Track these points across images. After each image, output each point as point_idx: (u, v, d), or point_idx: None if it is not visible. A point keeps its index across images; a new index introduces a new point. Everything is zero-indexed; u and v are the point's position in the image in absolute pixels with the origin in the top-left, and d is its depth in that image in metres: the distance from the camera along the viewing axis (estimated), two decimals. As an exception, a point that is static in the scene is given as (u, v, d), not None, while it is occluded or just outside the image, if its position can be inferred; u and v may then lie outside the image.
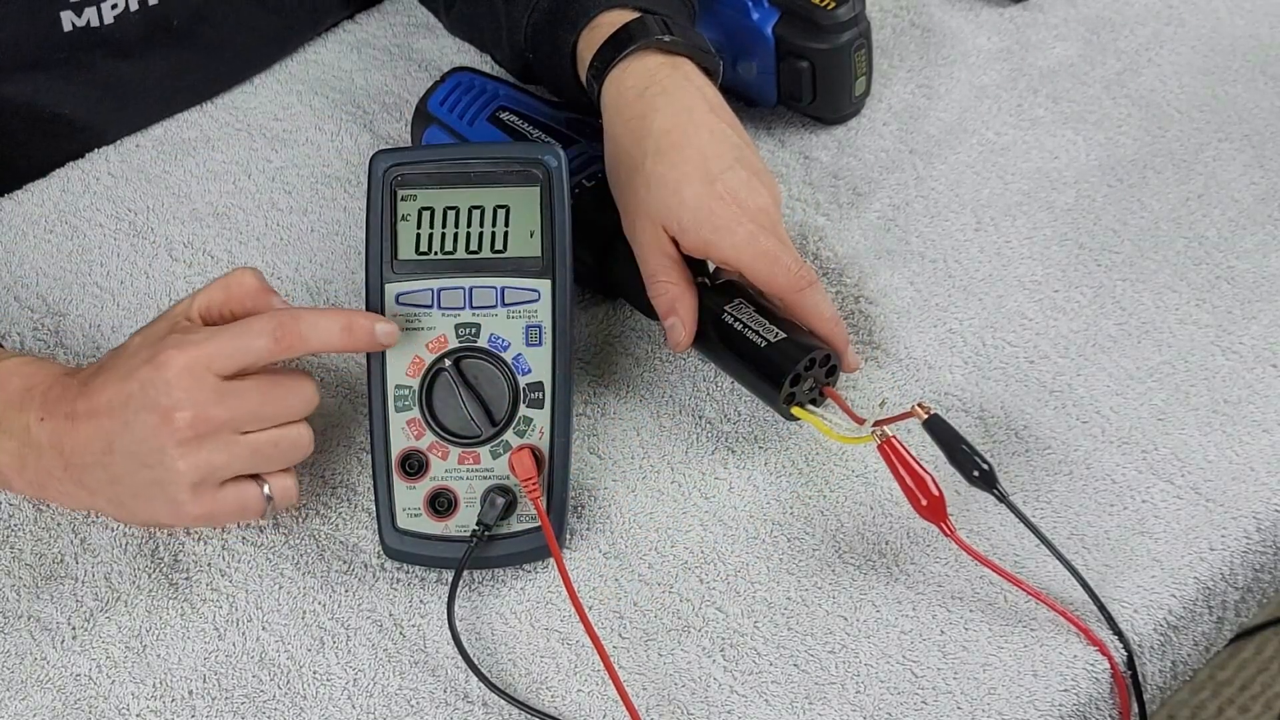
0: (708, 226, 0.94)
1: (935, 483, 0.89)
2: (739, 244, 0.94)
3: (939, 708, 0.85)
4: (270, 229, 1.10)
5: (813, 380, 0.95)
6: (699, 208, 0.94)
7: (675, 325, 0.96)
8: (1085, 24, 1.22)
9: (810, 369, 0.95)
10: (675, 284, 0.96)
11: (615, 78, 0.98)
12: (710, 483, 0.95)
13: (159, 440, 0.86)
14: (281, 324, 0.87)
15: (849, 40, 1.11)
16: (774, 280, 0.95)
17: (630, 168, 0.96)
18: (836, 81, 1.12)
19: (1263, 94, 1.17)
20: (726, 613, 0.90)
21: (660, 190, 0.95)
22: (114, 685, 0.88)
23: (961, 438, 0.90)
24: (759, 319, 0.95)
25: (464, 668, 0.87)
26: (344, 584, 0.91)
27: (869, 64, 1.14)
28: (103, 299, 1.06)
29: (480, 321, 0.91)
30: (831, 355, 0.95)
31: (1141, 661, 0.88)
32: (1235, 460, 0.95)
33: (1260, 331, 1.02)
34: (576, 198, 1.00)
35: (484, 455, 0.90)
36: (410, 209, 0.91)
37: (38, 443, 0.90)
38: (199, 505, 0.88)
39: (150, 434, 0.86)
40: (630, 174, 0.96)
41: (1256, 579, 0.94)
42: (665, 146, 0.95)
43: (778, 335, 0.95)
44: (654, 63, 0.98)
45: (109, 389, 0.88)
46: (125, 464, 0.88)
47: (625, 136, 0.97)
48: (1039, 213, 1.10)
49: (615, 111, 0.98)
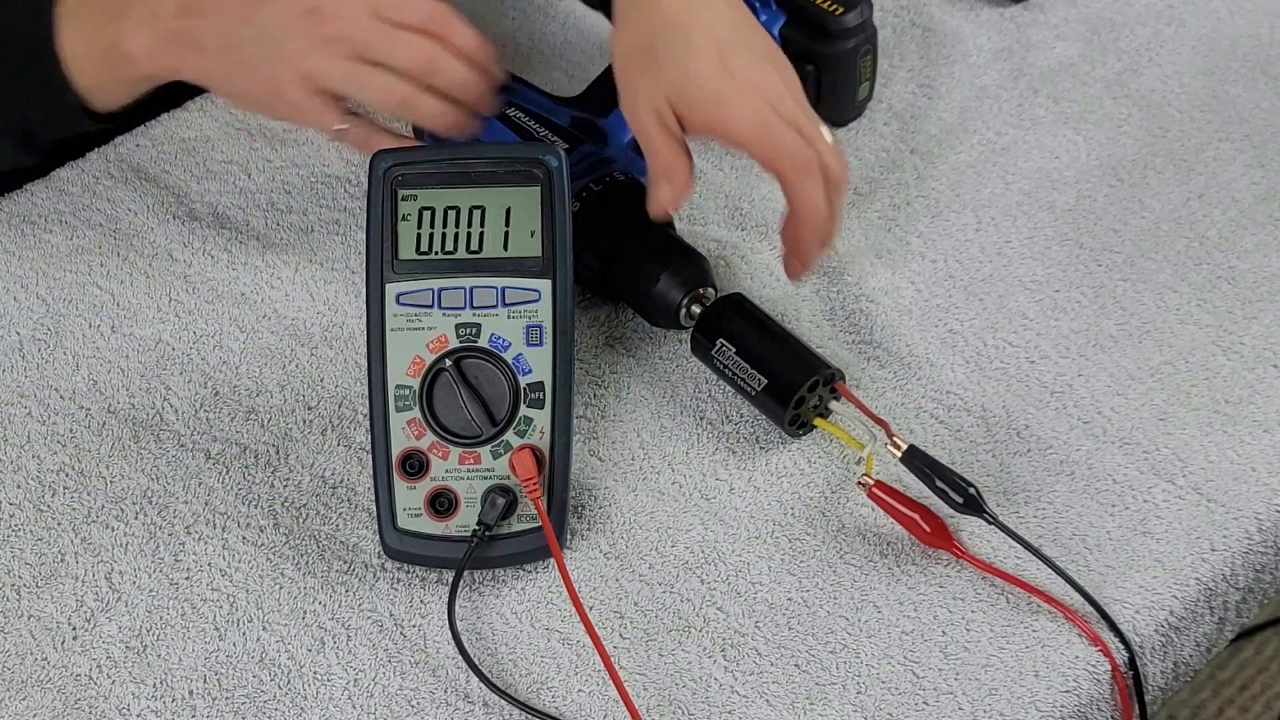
0: (714, 102, 0.93)
1: (931, 512, 0.90)
2: (744, 119, 0.93)
3: (940, 708, 0.85)
4: (270, 229, 1.10)
5: (818, 398, 0.96)
6: (708, 83, 0.94)
7: (663, 186, 0.95)
8: (1086, 24, 1.22)
9: (800, 404, 0.95)
10: (672, 149, 0.94)
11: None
12: (711, 483, 0.95)
13: (299, 27, 0.94)
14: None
15: (856, 46, 1.11)
16: (774, 159, 0.94)
17: (638, 46, 0.96)
18: (841, 86, 1.12)
19: (1263, 94, 1.17)
20: (727, 613, 0.90)
21: (670, 67, 0.94)
22: (114, 685, 0.88)
23: (940, 467, 0.91)
24: (741, 364, 0.96)
25: (464, 668, 0.87)
26: (344, 584, 0.91)
27: (873, 69, 1.14)
28: (103, 299, 1.06)
29: (481, 321, 0.91)
30: (820, 376, 0.95)
31: (1143, 662, 0.88)
32: (1236, 460, 0.95)
33: (1261, 331, 1.02)
34: (583, 202, 1.00)
35: (484, 455, 0.90)
36: (411, 209, 0.91)
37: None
38: (298, 94, 0.95)
39: (292, 20, 0.94)
40: (637, 52, 0.96)
41: (1258, 579, 0.94)
42: (676, 25, 0.95)
43: (760, 383, 0.95)
44: None
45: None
46: (252, 33, 0.94)
47: (634, 14, 0.96)
48: (1039, 213, 1.10)
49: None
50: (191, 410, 1.00)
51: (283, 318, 1.05)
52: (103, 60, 0.99)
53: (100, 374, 1.02)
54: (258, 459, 0.97)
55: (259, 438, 0.98)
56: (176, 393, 1.01)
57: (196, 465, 0.97)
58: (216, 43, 0.96)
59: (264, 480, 0.96)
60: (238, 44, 0.96)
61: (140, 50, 0.98)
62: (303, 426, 0.99)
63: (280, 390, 1.01)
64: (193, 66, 0.98)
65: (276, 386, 1.01)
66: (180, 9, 0.97)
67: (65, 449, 0.98)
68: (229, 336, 1.04)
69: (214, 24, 0.96)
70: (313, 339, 1.03)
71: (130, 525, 0.94)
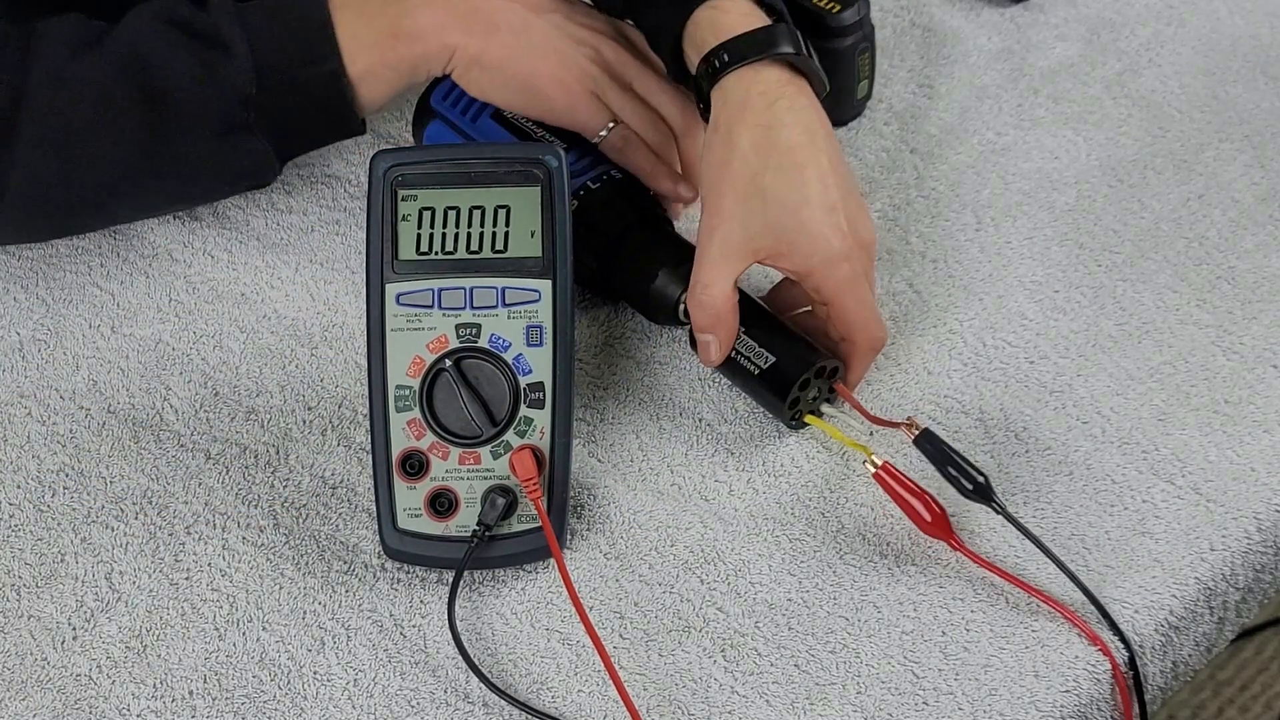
0: (818, 256, 0.94)
1: (935, 501, 0.90)
2: (840, 282, 0.94)
3: (940, 708, 0.85)
4: (270, 229, 1.10)
5: (816, 390, 0.96)
6: (815, 234, 0.93)
7: (711, 344, 0.95)
8: (1086, 24, 1.22)
9: (806, 386, 0.95)
10: (725, 302, 0.95)
11: (745, 76, 0.96)
12: (710, 484, 0.95)
13: (587, 36, 1.03)
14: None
15: (853, 44, 1.11)
16: (858, 331, 0.95)
17: (744, 174, 0.94)
18: (841, 84, 1.12)
19: (1263, 94, 1.17)
20: (727, 613, 0.90)
21: (777, 208, 0.93)
22: (114, 685, 0.88)
23: (953, 452, 0.91)
24: (749, 343, 0.95)
25: (464, 668, 0.87)
26: (344, 584, 0.91)
27: (872, 67, 1.14)
28: (102, 299, 1.06)
29: (481, 322, 0.91)
30: (826, 365, 0.95)
31: (1143, 662, 0.88)
32: (1236, 460, 0.95)
33: (1261, 332, 1.02)
34: (581, 200, 1.00)
35: (484, 455, 0.90)
36: (411, 209, 0.91)
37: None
38: (579, 88, 1.02)
39: (583, 28, 1.03)
40: (742, 180, 0.94)
41: (1257, 579, 0.94)
42: (788, 164, 0.94)
43: (768, 360, 0.95)
44: (783, 75, 0.96)
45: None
46: (546, 25, 1.01)
47: (745, 140, 0.94)
48: (1039, 213, 1.10)
49: (740, 110, 0.95)
50: (191, 410, 1.00)
51: (283, 318, 1.05)
52: (382, 40, 1.00)
53: (100, 374, 1.02)
54: (257, 459, 0.97)
55: (259, 438, 0.98)
56: (176, 393, 1.01)
57: (196, 465, 0.97)
58: (512, 23, 1.01)
59: (264, 480, 0.96)
60: (532, 29, 1.01)
61: (430, 25, 0.99)
62: (302, 427, 0.99)
63: (280, 390, 1.01)
64: (480, 44, 1.00)
65: (276, 386, 1.01)
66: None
67: (65, 449, 0.98)
68: (229, 336, 1.04)
69: (510, 8, 1.01)
70: (313, 339, 1.03)
71: (130, 525, 0.94)
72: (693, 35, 0.98)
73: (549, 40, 1.02)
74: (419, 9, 1.00)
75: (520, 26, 1.01)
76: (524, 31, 1.01)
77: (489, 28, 1.00)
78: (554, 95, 1.01)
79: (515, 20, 1.01)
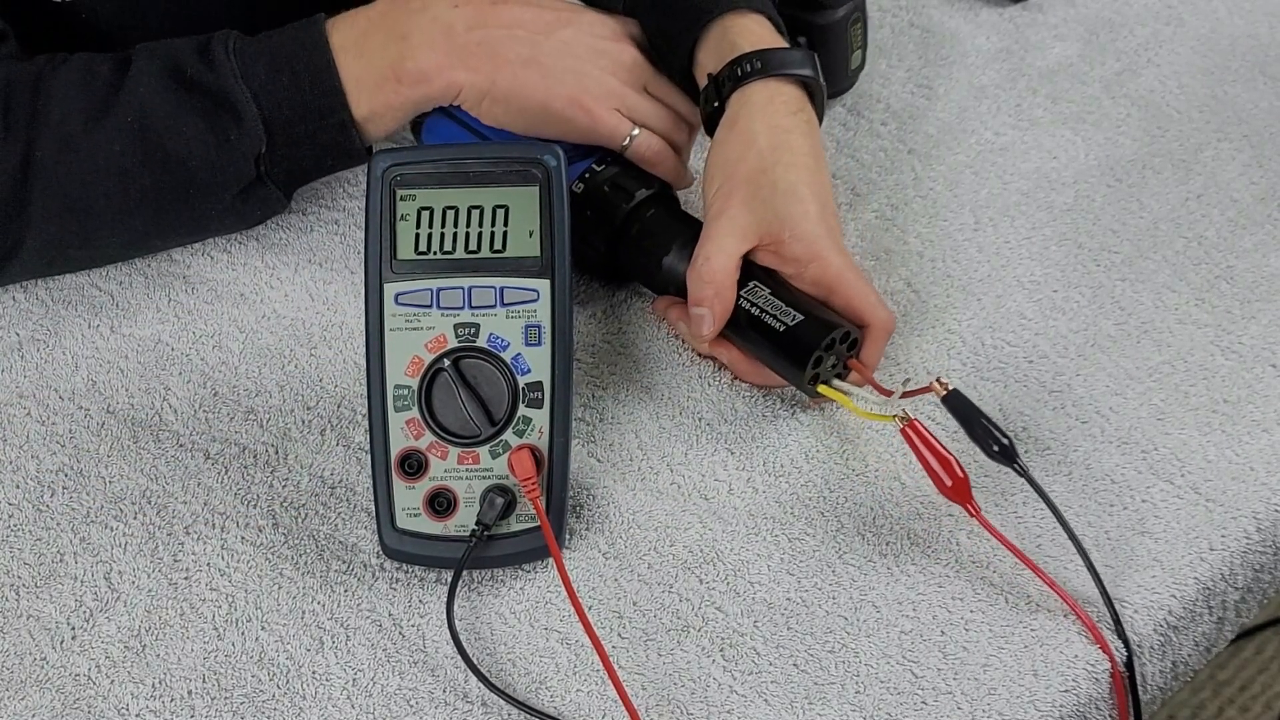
0: (824, 242, 0.97)
1: (959, 464, 0.90)
2: (842, 268, 0.97)
3: (939, 708, 0.85)
4: (269, 229, 1.10)
5: (835, 357, 0.96)
6: (820, 223, 0.97)
7: (705, 318, 0.97)
8: (1085, 24, 1.22)
9: (831, 348, 0.95)
10: (725, 276, 0.97)
11: (770, 85, 1.00)
12: (709, 483, 0.95)
13: (600, 46, 1.03)
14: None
15: (845, 14, 1.12)
16: (869, 312, 0.97)
17: (758, 166, 0.98)
18: (833, 56, 1.13)
19: (1262, 94, 1.17)
20: (726, 613, 0.90)
21: (788, 197, 0.97)
22: (113, 685, 0.88)
23: (981, 413, 0.91)
24: (775, 301, 0.96)
25: (463, 668, 0.87)
26: (343, 584, 0.91)
27: (864, 37, 1.14)
28: (102, 299, 1.06)
29: (479, 321, 0.91)
30: (851, 331, 0.95)
31: (1142, 662, 0.88)
32: (1235, 460, 0.95)
33: (1260, 331, 1.02)
34: (587, 183, 1.01)
35: (483, 455, 0.90)
36: (410, 209, 0.91)
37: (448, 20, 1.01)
38: (598, 103, 1.02)
39: (595, 39, 1.03)
40: (756, 171, 0.98)
41: (1257, 579, 0.94)
42: (800, 164, 0.98)
43: (795, 318, 0.95)
44: (800, 95, 1.01)
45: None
46: (554, 47, 1.02)
47: (764, 138, 0.99)
48: (1038, 213, 1.10)
49: (762, 112, 1.00)
50: (190, 410, 1.00)
51: (282, 318, 1.05)
52: (386, 84, 1.00)
53: (99, 374, 1.02)
54: (257, 459, 0.97)
55: (258, 438, 0.98)
56: (175, 393, 1.01)
57: (195, 465, 0.97)
58: (518, 53, 1.01)
59: (263, 480, 0.96)
60: (540, 56, 1.01)
61: (432, 66, 1.00)
62: (302, 426, 0.99)
63: (279, 390, 1.01)
64: (486, 79, 1.00)
65: (276, 386, 1.01)
66: (473, 23, 1.01)
67: (64, 449, 0.98)
68: (228, 336, 1.04)
69: (513, 35, 1.01)
70: (312, 339, 1.03)
71: (129, 525, 0.94)
72: (718, 40, 1.02)
73: (561, 62, 1.02)
74: (420, 49, 1.00)
75: (528, 56, 1.01)
76: (532, 60, 1.01)
77: (494, 62, 1.01)
78: (573, 116, 1.02)
79: (523, 50, 1.01)
